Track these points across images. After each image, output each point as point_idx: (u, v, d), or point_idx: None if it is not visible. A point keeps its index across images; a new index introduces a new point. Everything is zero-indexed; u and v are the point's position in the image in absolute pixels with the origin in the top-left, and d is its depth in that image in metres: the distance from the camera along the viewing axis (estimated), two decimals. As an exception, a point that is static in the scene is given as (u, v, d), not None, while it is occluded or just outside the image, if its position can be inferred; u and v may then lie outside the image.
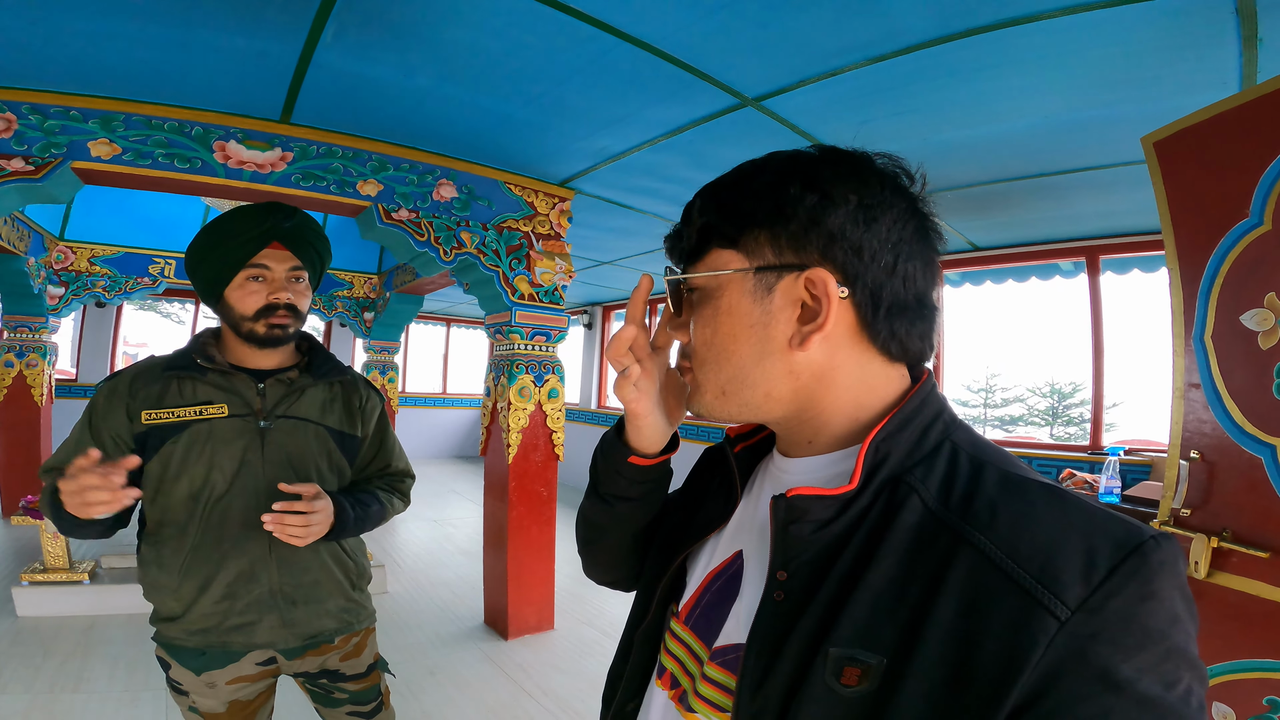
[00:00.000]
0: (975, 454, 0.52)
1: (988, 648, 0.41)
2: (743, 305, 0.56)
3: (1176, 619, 0.41)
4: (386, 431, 1.56)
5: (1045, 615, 0.40)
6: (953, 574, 0.45)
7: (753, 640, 0.51)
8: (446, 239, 3.12)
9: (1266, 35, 1.70)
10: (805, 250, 0.54)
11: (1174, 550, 0.43)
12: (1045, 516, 0.45)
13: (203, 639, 1.28)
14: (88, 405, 1.29)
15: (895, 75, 2.08)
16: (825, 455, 0.58)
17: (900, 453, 0.52)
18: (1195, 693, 0.41)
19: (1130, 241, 3.72)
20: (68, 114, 2.40)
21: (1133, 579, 0.41)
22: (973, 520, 0.46)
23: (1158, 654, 0.40)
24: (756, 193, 0.55)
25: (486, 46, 2.07)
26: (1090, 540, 0.43)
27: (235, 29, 2.00)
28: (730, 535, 0.65)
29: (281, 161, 2.72)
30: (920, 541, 0.48)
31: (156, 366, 1.31)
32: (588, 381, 8.60)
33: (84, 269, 5.04)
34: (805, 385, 0.56)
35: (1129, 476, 3.40)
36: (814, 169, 0.54)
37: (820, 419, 0.57)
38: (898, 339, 0.55)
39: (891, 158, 0.56)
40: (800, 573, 0.51)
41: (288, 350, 1.42)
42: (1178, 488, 1.52)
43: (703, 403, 0.60)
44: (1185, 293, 1.54)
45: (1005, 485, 0.48)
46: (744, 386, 0.57)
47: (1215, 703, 1.39)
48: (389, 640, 3.30)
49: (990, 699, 0.40)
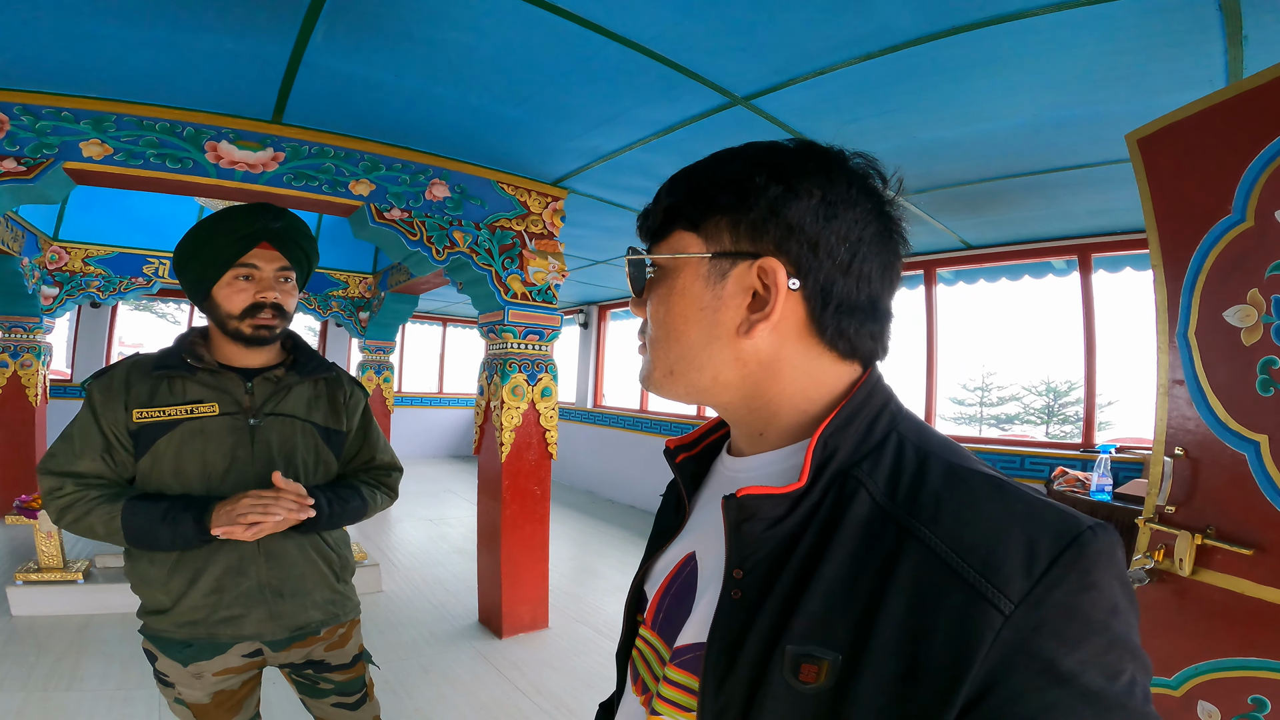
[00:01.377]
0: (920, 445, 0.52)
1: (937, 642, 0.42)
2: (695, 288, 0.57)
3: (1116, 609, 0.42)
4: (370, 425, 1.58)
5: (989, 609, 0.41)
6: (901, 568, 0.45)
7: (713, 639, 0.52)
8: (439, 238, 3.12)
9: (1251, 32, 1.71)
10: (761, 240, 0.54)
11: (1111, 539, 0.43)
12: (988, 509, 0.45)
13: (190, 631, 1.30)
14: (85, 403, 1.30)
15: (883, 73, 2.09)
16: (774, 451, 0.58)
17: (848, 446, 0.52)
18: (1139, 683, 0.41)
19: (1122, 240, 3.73)
20: (59, 115, 2.40)
21: (1072, 570, 0.41)
22: (918, 514, 0.46)
23: (1100, 645, 0.40)
24: (724, 179, 0.56)
25: (477, 47, 2.08)
26: (1030, 532, 0.43)
27: (225, 30, 2.00)
28: (683, 540, 0.66)
29: (273, 161, 2.72)
30: (869, 536, 0.48)
31: (146, 364, 1.33)
32: (583, 380, 8.61)
33: (78, 269, 5.04)
34: (752, 373, 0.56)
35: (1121, 474, 3.41)
36: (783, 161, 0.55)
37: (769, 409, 0.58)
38: (845, 337, 0.55)
39: (867, 158, 0.57)
40: (756, 570, 0.51)
41: (273, 349, 1.45)
42: (1162, 484, 1.53)
43: (653, 380, 0.61)
44: (1169, 289, 1.55)
45: (949, 477, 0.48)
46: (691, 368, 0.58)
47: (1200, 701, 1.39)
48: (383, 638, 3.31)
49: (943, 693, 0.40)
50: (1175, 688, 1.44)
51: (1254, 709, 1.29)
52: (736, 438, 0.64)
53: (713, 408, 0.62)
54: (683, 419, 6.77)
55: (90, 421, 1.28)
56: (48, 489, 1.26)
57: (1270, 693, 1.27)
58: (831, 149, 0.56)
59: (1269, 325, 1.31)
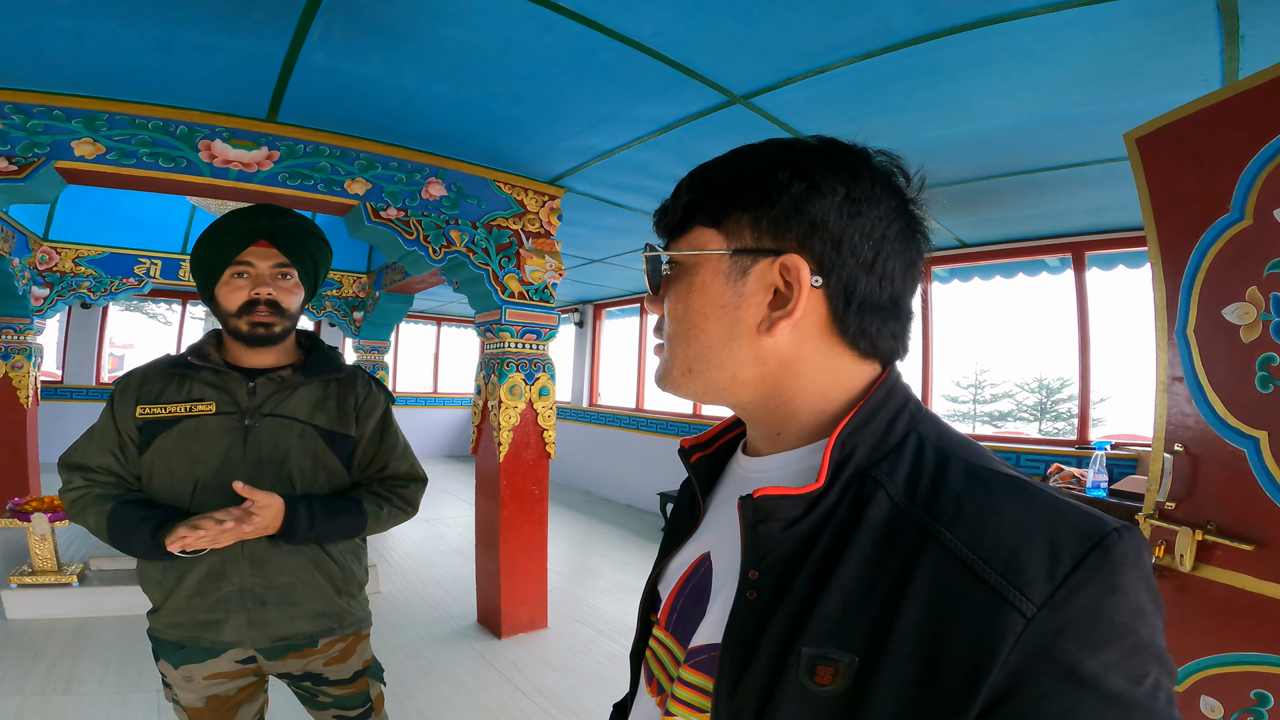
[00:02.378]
0: (941, 445, 0.51)
1: (956, 645, 0.41)
2: (716, 285, 0.56)
3: (1141, 612, 0.41)
4: (388, 430, 1.50)
5: (1011, 612, 0.40)
6: (920, 570, 0.44)
7: (728, 639, 0.51)
8: (435, 237, 3.11)
9: (1248, 31, 1.72)
10: (784, 237, 0.53)
11: (1137, 542, 0.42)
12: (1009, 510, 0.45)
13: (178, 633, 1.30)
14: (108, 399, 1.35)
15: (883, 72, 2.09)
16: (792, 451, 0.58)
17: (867, 446, 0.52)
18: (1163, 687, 0.41)
19: (1116, 238, 3.76)
20: (50, 113, 2.38)
21: (1097, 573, 0.41)
22: (938, 515, 0.46)
23: (1124, 649, 0.40)
24: (745, 175, 0.55)
25: (475, 45, 2.07)
26: (1054, 534, 0.42)
27: (219, 28, 1.99)
28: (698, 540, 0.65)
29: (268, 160, 2.70)
30: (888, 537, 0.47)
31: (165, 363, 1.37)
32: (579, 380, 8.60)
33: (69, 270, 4.98)
34: (772, 372, 0.56)
35: (1116, 471, 3.43)
36: (806, 157, 0.54)
37: (787, 409, 0.57)
38: (867, 335, 0.54)
39: (890, 155, 0.56)
40: (772, 571, 0.51)
41: (286, 348, 1.42)
42: (1162, 481, 1.54)
43: (671, 379, 0.60)
44: (1168, 287, 1.56)
45: (970, 478, 0.48)
46: (710, 366, 0.57)
47: (1204, 696, 1.40)
48: (382, 640, 3.29)
49: (961, 697, 0.40)
50: (1178, 683, 1.45)
51: (1257, 704, 1.30)
52: (753, 437, 0.63)
53: (730, 407, 0.61)
54: (680, 418, 6.77)
55: (109, 417, 1.32)
56: (63, 481, 1.31)
57: (1273, 688, 1.28)
58: (855, 146, 0.56)
59: (1268, 323, 1.32)
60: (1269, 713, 1.28)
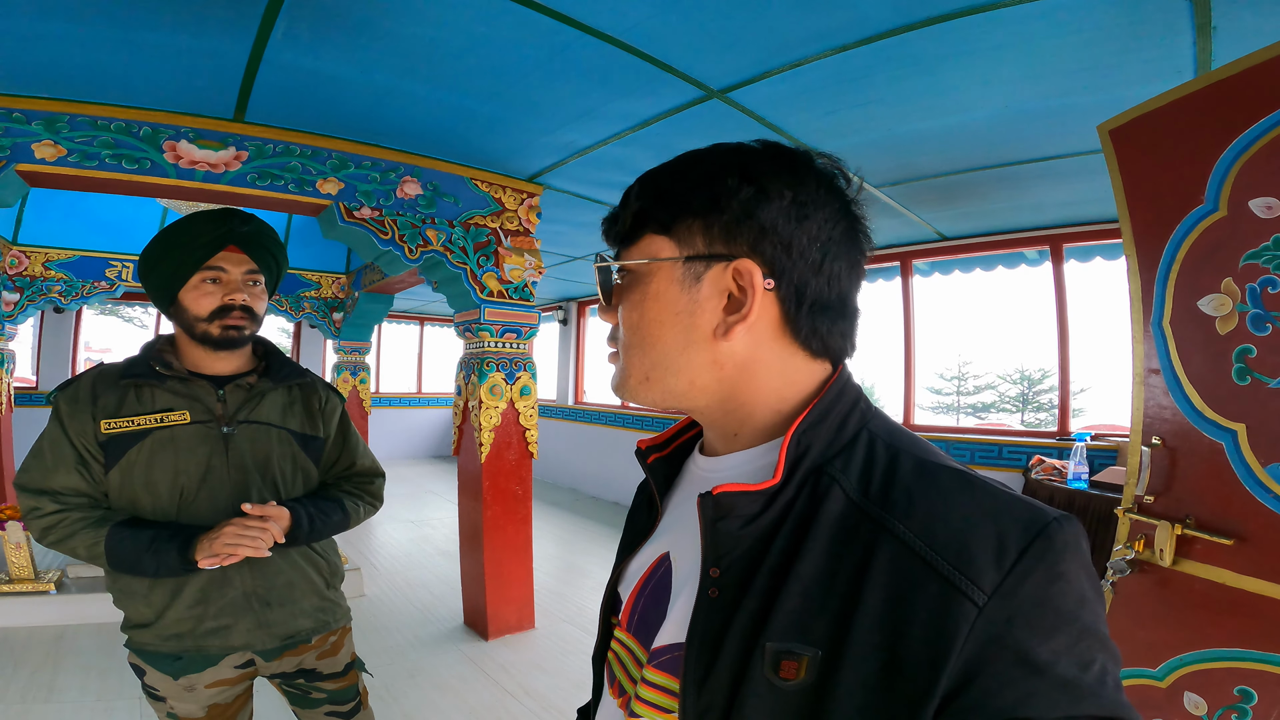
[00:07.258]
0: (891, 441, 0.53)
1: (915, 635, 0.42)
2: (670, 292, 0.56)
3: (1084, 599, 0.43)
4: (349, 430, 1.56)
5: (964, 601, 0.42)
6: (876, 563, 0.45)
7: (692, 638, 0.52)
8: (411, 237, 3.06)
9: (1220, 23, 1.72)
10: (735, 241, 0.54)
11: (1076, 530, 0.44)
12: (958, 502, 0.46)
13: (178, 644, 1.28)
14: (52, 416, 1.26)
15: (859, 65, 2.08)
16: (748, 450, 0.58)
17: (821, 444, 0.53)
18: (1110, 672, 0.42)
19: (1092, 230, 3.79)
20: (10, 116, 2.31)
21: (1041, 561, 0.42)
22: (892, 509, 0.47)
23: (1071, 635, 0.41)
24: (694, 182, 0.56)
25: (446, 41, 2.03)
26: (999, 524, 0.44)
27: (180, 27, 1.93)
28: (657, 541, 0.66)
29: (236, 161, 2.64)
30: (844, 532, 0.48)
31: (113, 373, 1.30)
32: (564, 377, 8.56)
33: (39, 274, 4.87)
34: (729, 376, 0.56)
35: (1096, 462, 3.46)
36: (753, 162, 0.55)
37: (744, 410, 0.58)
38: (819, 335, 0.56)
39: (830, 158, 0.57)
40: (733, 568, 0.51)
41: (244, 355, 1.42)
42: (1140, 474, 1.54)
43: (628, 388, 0.60)
44: (1143, 279, 1.56)
45: (920, 473, 0.49)
46: (668, 373, 0.57)
47: (1187, 693, 1.40)
48: (368, 643, 3.26)
49: (923, 685, 0.41)
50: (1161, 679, 1.45)
51: (1240, 700, 1.30)
52: (710, 438, 0.64)
53: (687, 412, 0.62)
54: (665, 414, 6.76)
55: (60, 434, 1.24)
56: (27, 508, 1.23)
57: (1256, 684, 1.28)
58: (798, 150, 0.57)
59: (1244, 314, 1.32)
60: (1253, 709, 1.27)
